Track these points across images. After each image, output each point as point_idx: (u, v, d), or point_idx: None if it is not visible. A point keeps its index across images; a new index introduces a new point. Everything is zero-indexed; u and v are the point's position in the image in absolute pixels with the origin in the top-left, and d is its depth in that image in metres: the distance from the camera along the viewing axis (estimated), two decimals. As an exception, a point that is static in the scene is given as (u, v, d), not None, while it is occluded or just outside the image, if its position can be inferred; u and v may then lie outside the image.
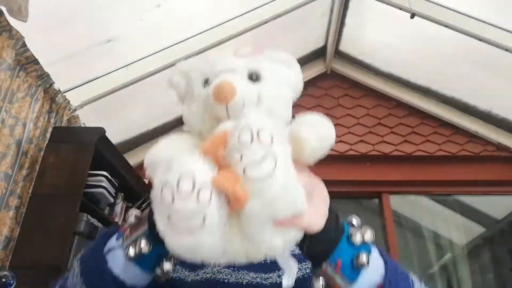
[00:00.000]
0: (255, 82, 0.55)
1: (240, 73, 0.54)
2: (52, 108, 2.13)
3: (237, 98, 0.50)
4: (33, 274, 1.63)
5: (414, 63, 2.99)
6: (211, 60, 0.58)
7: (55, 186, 1.84)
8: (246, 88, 0.53)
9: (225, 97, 0.50)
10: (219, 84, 0.51)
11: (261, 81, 0.56)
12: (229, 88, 0.50)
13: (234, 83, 0.51)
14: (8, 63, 1.78)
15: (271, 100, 0.56)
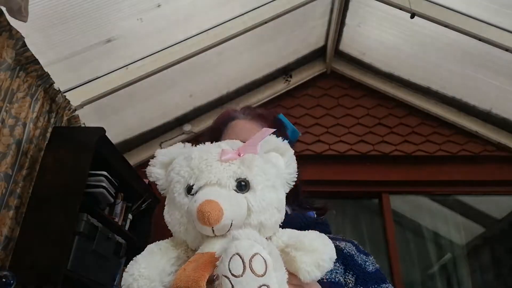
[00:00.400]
0: (244, 191, 0.52)
1: (227, 185, 0.51)
2: (52, 108, 2.13)
3: (224, 220, 0.47)
4: (33, 274, 1.63)
5: (414, 63, 2.99)
6: (195, 165, 0.53)
7: (55, 186, 1.84)
8: (234, 205, 0.49)
9: (211, 222, 0.47)
10: (204, 207, 0.47)
11: (251, 189, 0.52)
12: (215, 213, 0.47)
13: (221, 203, 0.48)
14: (8, 63, 1.78)
15: (262, 211, 0.52)
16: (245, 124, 0.86)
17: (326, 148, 3.05)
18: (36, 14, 1.74)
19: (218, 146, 0.56)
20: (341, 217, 3.14)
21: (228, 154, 0.53)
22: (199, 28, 2.46)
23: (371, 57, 3.16)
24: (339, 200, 3.18)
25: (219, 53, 2.65)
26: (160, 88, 2.66)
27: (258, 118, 0.88)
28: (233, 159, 0.53)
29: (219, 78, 2.93)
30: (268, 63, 3.12)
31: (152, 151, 3.02)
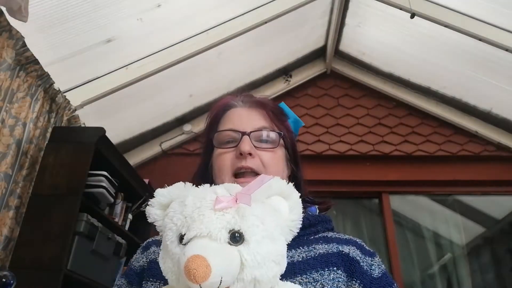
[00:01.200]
0: (238, 244, 0.49)
1: (218, 238, 0.48)
2: (52, 108, 2.13)
3: (212, 279, 0.45)
4: (33, 274, 1.63)
5: (414, 63, 2.99)
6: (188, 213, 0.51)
7: (55, 186, 1.84)
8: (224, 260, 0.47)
9: (197, 280, 0.45)
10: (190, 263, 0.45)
11: (245, 242, 0.50)
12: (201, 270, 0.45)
13: (209, 259, 0.46)
14: (8, 63, 1.78)
15: (256, 265, 0.49)
16: (243, 111, 0.83)
17: (326, 148, 3.05)
18: (36, 14, 1.74)
19: (214, 192, 0.54)
20: (341, 217, 3.14)
21: (223, 202, 0.51)
22: (199, 28, 2.46)
23: (371, 57, 3.16)
24: (339, 200, 3.17)
25: (219, 53, 2.65)
26: (160, 88, 2.66)
27: (257, 105, 0.83)
28: (227, 208, 0.50)
29: (219, 78, 2.93)
30: (268, 63, 3.12)
31: (152, 151, 3.05)
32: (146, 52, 2.40)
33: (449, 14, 2.44)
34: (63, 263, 1.67)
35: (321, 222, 0.78)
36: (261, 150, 0.77)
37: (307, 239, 0.73)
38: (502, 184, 3.00)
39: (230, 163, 0.76)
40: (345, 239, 0.75)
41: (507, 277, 3.01)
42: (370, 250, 0.77)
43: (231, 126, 0.79)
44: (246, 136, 0.76)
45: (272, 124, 0.81)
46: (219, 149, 0.79)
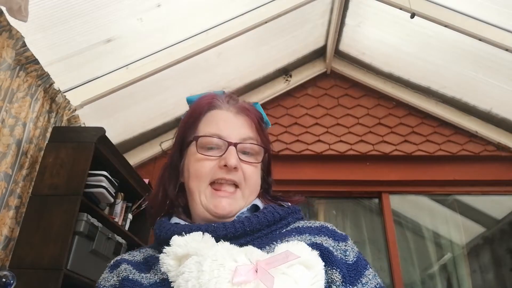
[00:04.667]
0: None
1: None
2: (52, 108, 2.13)
3: None
4: (33, 274, 1.63)
5: (414, 63, 2.99)
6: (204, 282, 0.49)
7: (55, 186, 1.84)
8: None
9: None
10: None
11: None
12: None
13: None
14: (8, 63, 1.78)
15: None
16: (229, 116, 0.78)
17: (326, 148, 3.05)
18: (36, 14, 1.74)
19: (234, 260, 0.51)
20: (341, 217, 3.14)
21: (242, 275, 0.48)
22: (199, 28, 2.46)
23: (371, 57, 3.16)
24: (339, 200, 3.18)
25: (219, 53, 2.65)
26: (160, 88, 2.66)
27: (243, 112, 0.79)
28: (246, 283, 0.48)
29: (219, 78, 2.93)
30: (268, 63, 3.12)
31: (152, 151, 3.05)
32: (146, 52, 2.40)
33: (449, 14, 2.44)
34: (63, 263, 1.67)
35: (291, 213, 0.78)
36: (244, 163, 0.75)
37: (280, 233, 0.73)
38: (502, 184, 3.00)
39: (209, 171, 0.73)
40: (317, 227, 0.74)
41: (507, 277, 3.01)
42: (342, 234, 0.75)
43: (217, 131, 0.75)
44: (233, 148, 0.73)
45: (257, 135, 0.78)
46: (200, 154, 0.74)
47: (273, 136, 3.10)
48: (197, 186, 0.74)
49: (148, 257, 0.73)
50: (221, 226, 0.69)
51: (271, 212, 0.74)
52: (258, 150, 0.77)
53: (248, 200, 0.76)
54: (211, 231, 0.68)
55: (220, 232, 0.68)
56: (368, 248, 2.96)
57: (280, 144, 3.06)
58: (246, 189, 0.75)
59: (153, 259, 0.71)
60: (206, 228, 0.68)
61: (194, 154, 0.75)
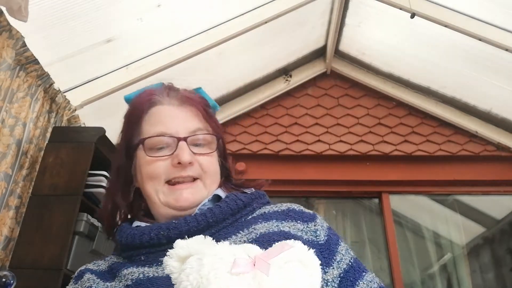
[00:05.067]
0: None
1: None
2: (52, 108, 2.13)
3: None
4: (33, 274, 1.63)
5: (414, 63, 2.99)
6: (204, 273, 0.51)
7: (55, 186, 1.84)
8: None
9: None
10: None
11: None
12: None
13: None
14: (8, 63, 1.78)
15: None
16: (172, 110, 0.74)
17: (326, 148, 3.05)
18: (36, 14, 1.74)
19: (233, 254, 0.53)
20: (341, 217, 3.14)
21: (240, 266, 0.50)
22: (199, 28, 2.46)
23: (371, 57, 3.16)
24: (339, 200, 3.18)
25: (219, 53, 2.65)
26: (160, 88, 2.66)
27: (187, 102, 0.75)
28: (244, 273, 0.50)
29: (219, 78, 2.93)
30: (268, 63, 3.12)
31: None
32: (146, 52, 2.39)
33: (449, 14, 2.44)
34: (63, 263, 1.67)
35: (255, 199, 0.76)
36: (198, 155, 0.72)
37: (245, 220, 0.71)
38: (502, 184, 3.00)
39: (164, 171, 0.70)
40: (283, 211, 0.73)
41: (507, 277, 3.01)
42: (310, 213, 0.74)
43: (162, 129, 0.71)
44: (183, 143, 0.70)
45: (206, 124, 0.75)
46: (150, 157, 0.70)
47: (273, 136, 3.10)
48: (152, 187, 0.71)
49: (112, 265, 0.72)
50: (183, 222, 0.67)
51: (233, 200, 0.72)
52: (210, 139, 0.75)
53: (210, 190, 0.73)
54: (172, 228, 0.66)
55: (182, 228, 0.66)
56: (368, 248, 2.96)
57: (280, 144, 3.06)
58: (206, 179, 0.73)
59: (117, 267, 0.70)
60: (167, 226, 0.67)
61: (143, 157, 0.72)
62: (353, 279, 0.67)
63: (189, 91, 0.81)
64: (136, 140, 0.74)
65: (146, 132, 0.72)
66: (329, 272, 0.66)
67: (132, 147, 0.74)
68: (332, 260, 0.67)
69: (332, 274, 0.66)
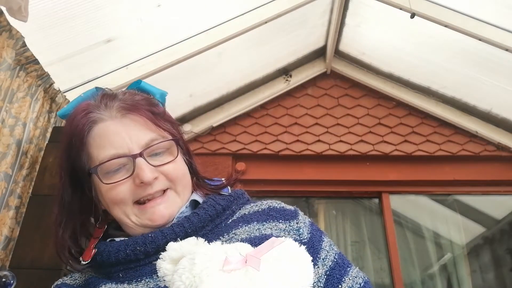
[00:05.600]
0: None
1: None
2: (52, 108, 2.13)
3: None
4: (33, 274, 1.63)
5: (414, 63, 2.99)
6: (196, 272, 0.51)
7: (55, 186, 1.83)
8: None
9: None
10: None
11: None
12: None
13: None
14: (8, 63, 1.78)
15: None
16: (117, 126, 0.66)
17: (326, 148, 3.05)
18: (36, 14, 1.73)
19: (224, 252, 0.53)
20: (341, 217, 3.14)
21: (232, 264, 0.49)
22: (199, 28, 2.46)
23: (371, 57, 3.16)
24: (339, 200, 3.18)
25: (219, 53, 2.65)
26: (160, 88, 2.66)
27: (129, 111, 0.67)
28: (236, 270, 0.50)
29: (219, 78, 2.93)
30: (268, 63, 3.12)
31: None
32: (146, 52, 2.39)
33: (449, 14, 2.44)
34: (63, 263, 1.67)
35: (234, 200, 0.72)
36: (161, 166, 0.66)
37: (225, 225, 0.68)
38: (502, 184, 3.00)
39: (128, 194, 0.65)
40: (264, 210, 0.70)
41: (507, 277, 3.01)
42: (291, 210, 0.71)
43: (112, 150, 0.64)
44: (140, 159, 0.64)
45: (158, 130, 0.68)
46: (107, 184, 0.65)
47: (273, 136, 3.10)
48: (121, 211, 0.66)
49: (89, 279, 0.69)
50: (159, 235, 0.64)
51: (211, 205, 0.69)
52: (168, 145, 0.69)
53: (184, 196, 0.70)
54: (149, 243, 0.63)
55: (159, 241, 0.63)
56: (368, 248, 2.96)
57: (280, 144, 3.06)
58: (177, 187, 0.68)
59: (94, 282, 0.67)
60: (143, 241, 0.64)
61: (101, 185, 0.66)
62: (339, 276, 0.66)
63: (129, 93, 0.72)
64: (85, 167, 0.67)
65: (95, 157, 0.66)
66: (315, 271, 0.65)
67: (81, 176, 0.69)
68: (317, 258, 0.66)
69: (317, 273, 0.65)
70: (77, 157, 0.68)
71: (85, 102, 0.70)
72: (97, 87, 0.74)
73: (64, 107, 0.74)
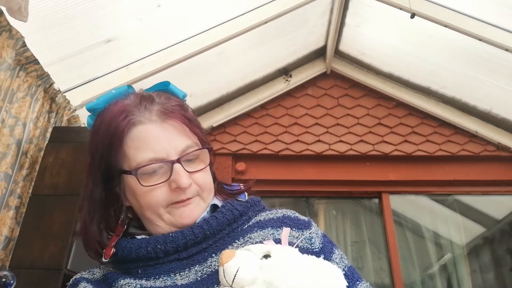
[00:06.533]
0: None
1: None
2: (52, 108, 2.13)
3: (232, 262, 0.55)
4: (33, 274, 1.63)
5: (414, 63, 2.99)
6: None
7: (55, 186, 1.84)
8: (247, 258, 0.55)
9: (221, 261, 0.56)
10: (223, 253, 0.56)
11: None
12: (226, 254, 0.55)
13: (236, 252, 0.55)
14: (8, 63, 1.78)
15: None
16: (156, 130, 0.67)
17: (326, 148, 3.05)
18: (36, 14, 1.74)
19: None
20: (341, 217, 3.14)
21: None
22: (199, 28, 2.46)
23: (371, 57, 3.16)
24: (339, 200, 3.18)
25: (219, 53, 2.65)
26: (160, 88, 2.66)
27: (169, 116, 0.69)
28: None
29: (219, 78, 2.93)
30: (268, 63, 3.12)
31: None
32: (146, 52, 2.40)
33: (449, 14, 2.44)
34: (63, 263, 1.67)
35: (251, 207, 0.75)
36: (194, 173, 0.69)
37: (241, 230, 0.70)
38: (502, 184, 3.00)
39: (163, 198, 0.67)
40: (279, 218, 0.73)
41: (507, 277, 3.01)
42: (305, 221, 0.73)
43: (151, 154, 0.66)
44: (178, 165, 0.66)
45: (193, 137, 0.70)
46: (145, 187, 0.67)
47: (273, 136, 3.10)
48: (154, 212, 0.69)
49: (108, 274, 0.71)
50: (180, 235, 0.66)
51: (230, 210, 0.71)
52: (200, 152, 0.71)
53: (207, 202, 0.72)
54: (169, 242, 0.66)
55: (179, 241, 0.66)
56: (368, 248, 2.96)
57: (280, 144, 3.06)
58: (203, 193, 0.71)
59: (113, 277, 0.68)
60: (163, 239, 0.66)
61: (137, 186, 0.67)
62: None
63: (164, 96, 0.73)
64: (118, 165, 0.70)
65: (132, 158, 0.67)
66: None
67: (114, 173, 0.71)
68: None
69: None
70: (113, 155, 0.70)
71: (121, 101, 0.71)
72: (128, 85, 0.76)
73: (93, 101, 0.74)
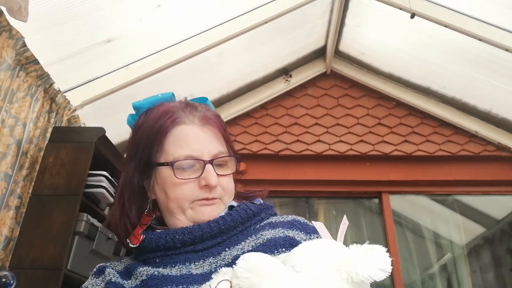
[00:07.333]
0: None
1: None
2: (52, 108, 2.13)
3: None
4: (33, 274, 1.63)
5: (414, 63, 2.99)
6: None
7: (55, 186, 1.84)
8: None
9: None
10: None
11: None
12: None
13: None
14: (8, 63, 1.78)
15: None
16: (197, 132, 0.75)
17: (326, 148, 3.05)
18: (36, 14, 1.74)
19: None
20: (341, 217, 3.14)
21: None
22: (199, 28, 2.46)
23: (371, 57, 3.16)
24: (339, 200, 3.18)
25: (219, 53, 2.65)
26: (160, 88, 2.65)
27: (208, 123, 0.77)
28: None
29: (219, 78, 2.93)
30: (268, 63, 3.12)
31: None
32: (146, 52, 2.39)
33: (449, 14, 2.44)
34: (63, 263, 1.67)
35: (264, 209, 0.81)
36: (221, 177, 0.75)
37: (254, 229, 0.75)
38: (502, 184, 3.00)
39: (191, 193, 0.73)
40: (289, 221, 0.78)
41: (507, 277, 3.01)
42: (313, 226, 0.77)
43: (188, 151, 0.73)
44: (210, 166, 0.73)
45: (225, 146, 0.78)
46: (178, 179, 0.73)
47: (273, 136, 3.10)
48: (179, 207, 0.74)
49: (128, 265, 0.75)
50: (197, 228, 0.71)
51: (244, 209, 0.76)
52: (228, 160, 0.78)
53: (226, 205, 0.78)
54: (187, 233, 0.71)
55: (196, 233, 0.71)
56: (368, 248, 2.96)
57: (280, 144, 3.06)
58: (225, 197, 0.77)
59: (133, 266, 0.73)
60: (182, 231, 0.71)
61: (170, 177, 0.74)
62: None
63: (204, 107, 0.81)
64: (155, 158, 0.76)
65: (170, 153, 0.74)
66: None
67: (151, 163, 0.76)
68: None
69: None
70: (153, 149, 0.76)
71: (167, 104, 0.80)
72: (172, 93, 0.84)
73: (139, 101, 0.82)
